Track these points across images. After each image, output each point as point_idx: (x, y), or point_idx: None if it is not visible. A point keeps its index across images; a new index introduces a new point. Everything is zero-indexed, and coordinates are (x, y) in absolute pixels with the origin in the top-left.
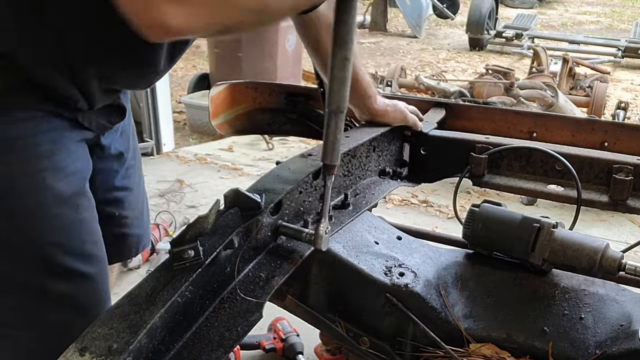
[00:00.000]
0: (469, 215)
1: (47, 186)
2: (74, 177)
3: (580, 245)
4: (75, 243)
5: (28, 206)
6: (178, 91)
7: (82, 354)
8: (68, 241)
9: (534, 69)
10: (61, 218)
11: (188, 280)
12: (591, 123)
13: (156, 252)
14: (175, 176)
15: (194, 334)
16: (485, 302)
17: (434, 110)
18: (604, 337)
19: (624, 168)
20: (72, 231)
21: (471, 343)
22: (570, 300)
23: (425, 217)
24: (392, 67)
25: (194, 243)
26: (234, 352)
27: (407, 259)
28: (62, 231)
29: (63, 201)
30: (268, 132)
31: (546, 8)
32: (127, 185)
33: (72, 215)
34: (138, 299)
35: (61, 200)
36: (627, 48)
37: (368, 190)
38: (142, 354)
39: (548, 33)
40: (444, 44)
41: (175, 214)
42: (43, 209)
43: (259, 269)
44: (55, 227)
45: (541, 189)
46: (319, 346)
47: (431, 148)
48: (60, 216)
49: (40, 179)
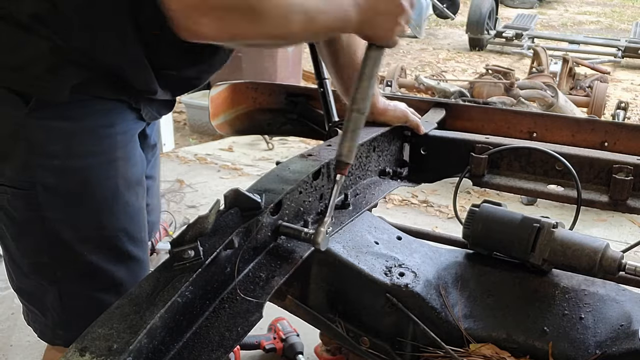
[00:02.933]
0: (469, 215)
1: (120, 174)
2: (137, 166)
3: (580, 245)
4: (136, 228)
5: (104, 193)
6: None
7: (82, 354)
8: (131, 227)
9: (534, 69)
10: (128, 205)
11: (188, 280)
12: (591, 123)
13: (156, 252)
14: (175, 176)
15: (194, 334)
16: (485, 302)
17: (434, 110)
18: (604, 337)
19: (624, 168)
20: (135, 217)
21: (471, 343)
22: (570, 300)
23: (425, 217)
24: (392, 67)
25: (194, 243)
26: (234, 352)
27: (407, 259)
28: (129, 218)
29: (131, 188)
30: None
31: (546, 8)
32: (153, 175)
33: (135, 202)
34: (138, 299)
35: (130, 188)
36: (627, 48)
37: (368, 190)
38: (142, 354)
39: (548, 33)
40: (444, 44)
41: (175, 214)
42: (117, 197)
43: (259, 269)
44: (125, 213)
45: (541, 189)
46: (319, 346)
47: (431, 148)
48: (128, 203)
49: (115, 168)
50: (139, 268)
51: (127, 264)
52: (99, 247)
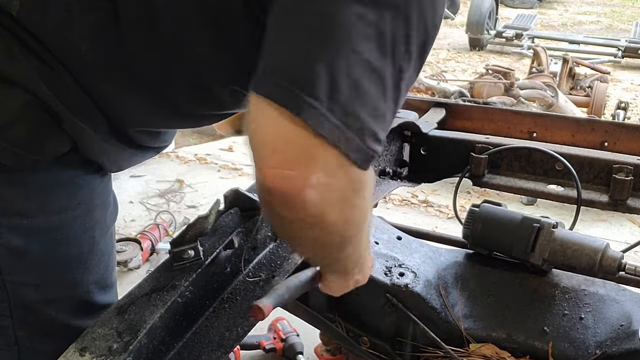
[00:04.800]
0: (469, 215)
1: (97, 224)
2: (111, 206)
3: (580, 245)
4: (108, 275)
5: (80, 249)
6: None
7: (82, 354)
8: (104, 276)
9: (534, 69)
10: (104, 255)
11: (188, 280)
12: (591, 123)
13: (156, 252)
14: (175, 176)
15: (194, 334)
16: (485, 302)
17: (434, 110)
18: (604, 337)
19: (624, 168)
20: (109, 265)
21: (471, 343)
22: (570, 300)
23: (425, 217)
24: None
25: (194, 243)
26: (234, 352)
27: (407, 259)
28: (103, 267)
29: (106, 234)
30: None
31: (546, 8)
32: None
33: (109, 247)
34: (138, 299)
35: (105, 234)
36: (627, 48)
37: None
38: (142, 354)
39: (548, 33)
40: (444, 44)
41: (175, 214)
42: (93, 249)
43: (259, 269)
44: (99, 264)
45: (541, 189)
46: (319, 346)
47: (431, 148)
48: (103, 252)
49: (93, 218)
50: None
51: (97, 314)
52: (69, 306)
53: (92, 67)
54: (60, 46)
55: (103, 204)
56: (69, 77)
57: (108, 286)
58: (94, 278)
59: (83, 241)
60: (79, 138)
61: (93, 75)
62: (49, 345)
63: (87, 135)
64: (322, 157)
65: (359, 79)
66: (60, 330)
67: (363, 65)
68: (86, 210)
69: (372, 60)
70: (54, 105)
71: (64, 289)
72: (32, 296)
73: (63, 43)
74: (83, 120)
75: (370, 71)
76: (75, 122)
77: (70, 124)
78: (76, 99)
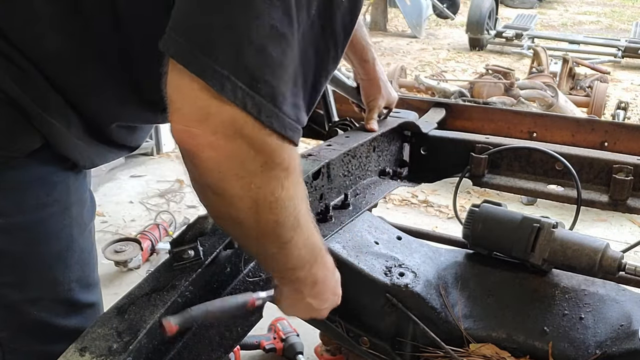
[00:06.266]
0: (469, 215)
1: (74, 221)
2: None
3: (580, 245)
4: (90, 274)
5: (58, 247)
6: None
7: (82, 354)
8: (85, 274)
9: (534, 69)
10: (83, 252)
11: (188, 280)
12: (591, 123)
13: (156, 252)
14: (175, 176)
15: (194, 334)
16: (485, 302)
17: (434, 110)
18: (604, 337)
19: (624, 168)
20: (90, 262)
21: (471, 343)
22: (570, 300)
23: (425, 217)
24: (392, 67)
25: (194, 243)
26: (234, 352)
27: (407, 259)
28: (84, 265)
29: (85, 231)
30: None
31: (546, 8)
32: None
33: (89, 245)
34: (138, 299)
35: (84, 232)
36: (627, 48)
37: (368, 190)
38: (142, 354)
39: (548, 33)
40: (444, 44)
41: (175, 214)
42: (72, 247)
43: (259, 269)
44: (79, 261)
45: (541, 189)
46: (319, 346)
47: (431, 148)
48: (83, 250)
49: (69, 215)
50: (92, 312)
51: (80, 313)
52: (51, 304)
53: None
54: (27, 41)
55: (79, 201)
56: (37, 73)
57: (90, 285)
58: (75, 276)
59: (61, 239)
60: (50, 134)
61: (61, 69)
62: (33, 346)
63: (58, 131)
64: (219, 119)
65: (265, 45)
66: (43, 330)
67: (268, 30)
68: (62, 207)
69: (279, 26)
70: (23, 101)
71: (45, 288)
72: (13, 296)
73: (29, 37)
74: (53, 116)
75: (278, 37)
76: (45, 118)
77: (39, 120)
78: (45, 95)
